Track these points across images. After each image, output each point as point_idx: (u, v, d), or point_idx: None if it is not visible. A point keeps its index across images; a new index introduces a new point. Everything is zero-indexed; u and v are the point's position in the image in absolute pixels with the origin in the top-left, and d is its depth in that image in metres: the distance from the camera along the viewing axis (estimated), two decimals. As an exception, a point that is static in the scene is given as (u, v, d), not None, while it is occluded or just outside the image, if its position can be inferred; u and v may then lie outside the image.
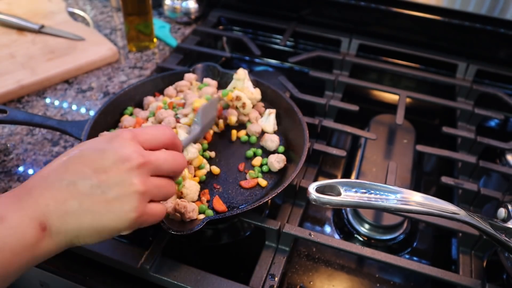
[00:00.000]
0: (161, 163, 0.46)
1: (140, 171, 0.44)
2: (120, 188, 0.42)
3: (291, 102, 0.71)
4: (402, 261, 0.57)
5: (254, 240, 0.64)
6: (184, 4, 1.03)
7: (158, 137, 0.48)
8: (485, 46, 0.93)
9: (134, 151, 0.44)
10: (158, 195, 0.46)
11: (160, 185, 0.46)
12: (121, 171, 0.43)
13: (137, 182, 0.43)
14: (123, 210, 0.42)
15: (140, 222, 0.44)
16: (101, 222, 0.42)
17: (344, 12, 0.98)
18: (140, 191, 0.43)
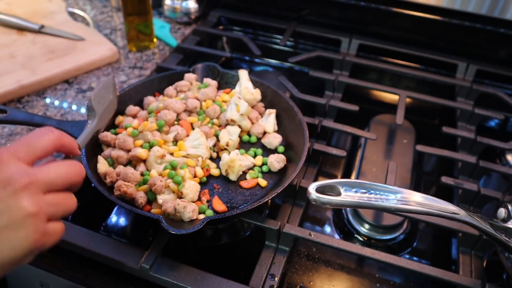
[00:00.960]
0: (52, 178, 0.42)
1: (28, 192, 0.39)
2: (8, 216, 0.38)
3: (291, 102, 0.71)
4: (402, 261, 0.57)
5: (254, 240, 0.64)
6: (184, 4, 1.03)
7: (40, 144, 0.43)
8: (485, 46, 0.93)
9: (15, 171, 0.39)
10: (56, 212, 0.42)
11: (56, 201, 0.42)
12: (5, 197, 0.38)
13: (26, 204, 0.39)
14: (18, 238, 0.38)
15: (40, 246, 0.40)
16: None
17: (344, 12, 0.98)
18: (32, 213, 0.39)
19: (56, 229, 0.42)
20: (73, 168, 0.44)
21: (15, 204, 0.38)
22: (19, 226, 0.38)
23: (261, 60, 1.01)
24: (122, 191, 0.57)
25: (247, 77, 0.74)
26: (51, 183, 0.42)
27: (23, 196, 0.39)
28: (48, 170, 0.42)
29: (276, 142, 0.68)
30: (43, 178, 0.41)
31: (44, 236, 0.40)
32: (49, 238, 0.41)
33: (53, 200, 0.42)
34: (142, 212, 0.56)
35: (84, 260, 0.57)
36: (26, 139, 0.43)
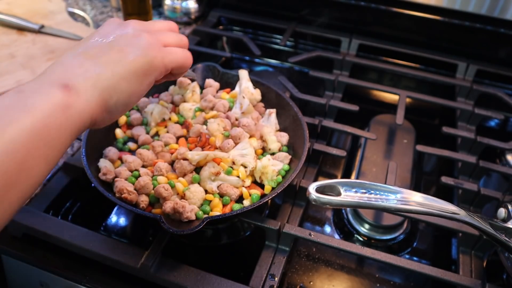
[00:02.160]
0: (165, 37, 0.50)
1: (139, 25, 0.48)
2: (127, 37, 0.46)
3: (291, 102, 0.71)
4: (402, 261, 0.57)
5: (254, 240, 0.64)
6: (184, 4, 1.03)
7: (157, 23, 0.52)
8: (485, 46, 0.93)
9: (141, 29, 0.48)
10: (170, 39, 0.49)
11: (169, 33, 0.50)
12: (122, 29, 0.47)
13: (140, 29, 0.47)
14: (137, 48, 0.45)
15: (161, 58, 0.47)
16: (123, 66, 0.44)
17: (344, 12, 0.98)
18: (145, 34, 0.46)
19: (173, 49, 0.49)
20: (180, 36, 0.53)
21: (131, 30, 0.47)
22: (136, 42, 0.46)
23: (261, 60, 1.01)
24: (123, 197, 0.56)
25: (247, 77, 0.74)
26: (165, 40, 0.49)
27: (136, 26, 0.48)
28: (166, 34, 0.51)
29: (284, 140, 0.68)
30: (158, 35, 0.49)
31: (161, 51, 0.47)
32: (168, 54, 0.48)
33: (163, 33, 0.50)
34: (142, 212, 0.56)
35: (84, 260, 0.57)
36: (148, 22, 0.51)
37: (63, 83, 0.40)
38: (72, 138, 0.40)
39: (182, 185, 0.59)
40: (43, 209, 0.61)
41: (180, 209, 0.55)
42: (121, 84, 0.43)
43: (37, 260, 0.58)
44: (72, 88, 0.40)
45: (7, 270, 0.62)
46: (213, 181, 0.60)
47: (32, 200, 0.63)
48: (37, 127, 0.36)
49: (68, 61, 0.43)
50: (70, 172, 0.66)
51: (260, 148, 0.67)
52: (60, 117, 0.38)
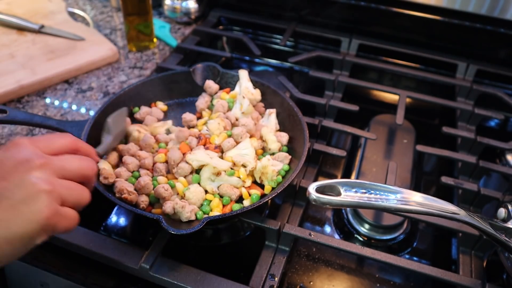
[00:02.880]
0: (64, 164, 0.44)
1: (43, 171, 0.41)
2: (23, 190, 0.40)
3: (291, 102, 0.71)
4: (402, 261, 0.57)
5: (254, 240, 0.64)
6: (184, 4, 1.03)
7: (59, 142, 0.46)
8: (485, 46, 0.93)
9: (33, 153, 0.42)
10: (70, 197, 0.43)
11: (70, 186, 0.43)
12: (22, 173, 0.40)
13: (40, 181, 0.40)
14: (31, 211, 0.39)
15: (53, 224, 0.41)
16: (9, 229, 0.39)
17: (344, 12, 0.98)
18: (46, 189, 0.40)
19: (69, 213, 0.43)
20: (86, 162, 0.46)
21: (31, 179, 0.40)
22: (32, 200, 0.40)
23: (261, 60, 1.01)
24: (123, 197, 0.57)
25: (247, 77, 0.74)
26: (65, 169, 0.44)
27: (38, 173, 0.41)
28: (62, 157, 0.44)
29: (284, 140, 0.68)
30: (57, 163, 0.43)
31: (57, 215, 0.41)
32: (62, 219, 0.42)
33: (66, 184, 0.43)
34: (142, 212, 0.56)
35: (84, 260, 0.57)
36: (45, 136, 0.46)
37: None
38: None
39: (182, 185, 0.59)
40: (43, 209, 0.61)
41: (180, 209, 0.55)
42: (4, 248, 0.39)
43: (37, 260, 0.58)
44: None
45: (7, 270, 0.62)
46: (213, 181, 0.60)
47: (32, 200, 0.63)
48: None
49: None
50: (70, 172, 0.66)
51: (260, 148, 0.67)
52: None
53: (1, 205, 0.39)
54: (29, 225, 0.39)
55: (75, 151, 0.47)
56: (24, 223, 0.39)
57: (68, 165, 0.44)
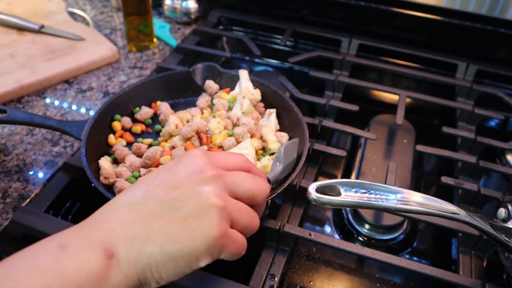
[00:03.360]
0: (238, 180, 0.41)
1: (215, 184, 0.39)
2: (195, 203, 0.37)
3: (291, 102, 0.71)
4: (402, 261, 0.57)
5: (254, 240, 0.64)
6: (184, 4, 1.03)
7: (234, 159, 0.43)
8: (485, 46, 0.93)
9: (206, 164, 0.40)
10: (240, 220, 0.40)
11: (241, 208, 0.40)
12: (194, 184, 0.38)
13: (213, 194, 0.38)
14: (200, 227, 0.37)
15: (221, 246, 0.38)
16: (175, 244, 0.36)
17: (344, 12, 0.98)
18: (218, 205, 0.38)
19: (238, 237, 0.40)
20: (259, 182, 0.43)
21: (204, 192, 0.38)
22: (203, 214, 0.37)
23: (261, 60, 1.01)
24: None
25: (248, 77, 0.74)
26: (237, 186, 0.41)
27: (212, 186, 0.39)
28: (235, 174, 0.42)
29: (284, 140, 0.68)
30: (230, 178, 0.41)
31: (226, 237, 0.38)
32: (231, 242, 0.39)
33: (238, 205, 0.40)
34: (142, 212, 0.56)
35: (84, 260, 0.57)
36: (220, 152, 0.45)
37: (107, 247, 0.36)
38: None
39: None
40: (43, 209, 0.61)
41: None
42: (167, 265, 0.37)
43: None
44: (114, 257, 0.36)
45: (7, 270, 0.62)
46: None
47: (32, 200, 0.63)
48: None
49: (122, 213, 0.38)
50: (70, 172, 0.66)
51: (260, 148, 0.67)
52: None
53: (170, 217, 0.37)
54: (197, 242, 0.37)
55: (247, 170, 0.44)
56: (192, 239, 0.37)
57: (241, 181, 0.41)
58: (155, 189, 0.38)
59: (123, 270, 0.36)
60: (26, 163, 0.70)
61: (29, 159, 0.70)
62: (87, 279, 0.34)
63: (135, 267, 0.36)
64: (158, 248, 0.36)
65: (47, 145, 0.73)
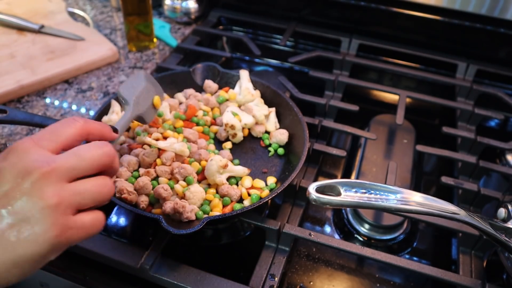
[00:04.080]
0: (74, 163, 0.38)
1: (47, 182, 0.36)
2: (26, 209, 0.35)
3: (291, 102, 0.71)
4: (402, 261, 0.57)
5: (254, 240, 0.64)
6: (184, 4, 1.03)
7: (66, 132, 0.40)
8: (485, 46, 0.93)
9: (34, 159, 0.37)
10: (83, 201, 0.39)
11: (83, 189, 0.39)
12: (23, 188, 0.36)
13: (44, 196, 0.36)
14: (35, 232, 0.35)
15: (66, 241, 0.37)
16: (15, 253, 0.35)
17: (344, 12, 0.98)
18: (50, 205, 0.36)
19: (84, 221, 0.39)
20: (100, 149, 0.40)
21: (33, 197, 0.36)
22: (37, 217, 0.36)
23: (261, 60, 1.01)
24: (123, 197, 0.56)
25: (248, 77, 0.74)
26: (75, 168, 0.38)
27: (42, 186, 0.36)
28: (71, 155, 0.39)
29: (284, 137, 0.69)
30: (64, 165, 0.38)
31: (67, 230, 0.37)
32: (75, 232, 0.38)
33: (78, 188, 0.38)
34: (142, 212, 0.56)
35: (84, 260, 0.57)
36: (50, 127, 0.41)
37: None
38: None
39: (181, 186, 0.59)
40: (43, 209, 0.61)
41: (180, 209, 0.55)
42: (12, 271, 0.35)
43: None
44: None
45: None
46: (222, 173, 0.60)
47: (32, 200, 0.63)
48: None
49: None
50: (70, 172, 0.66)
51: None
52: None
53: (3, 227, 0.35)
54: (37, 246, 0.36)
55: (87, 136, 0.42)
56: (31, 245, 0.35)
57: (78, 162, 0.39)
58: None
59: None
60: (26, 163, 0.70)
61: (29, 159, 0.70)
62: None
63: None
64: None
65: (47, 145, 0.73)
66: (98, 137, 0.44)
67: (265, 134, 0.71)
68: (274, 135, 0.69)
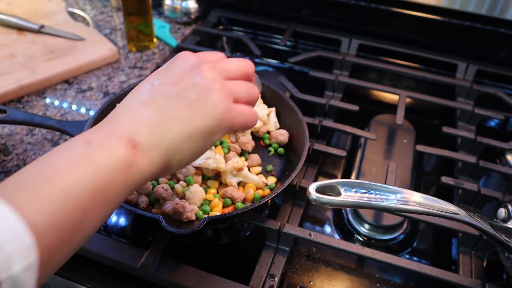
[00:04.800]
0: (229, 65, 0.46)
1: (211, 72, 0.44)
2: (197, 90, 0.43)
3: (291, 102, 0.71)
4: (402, 261, 0.57)
5: (254, 240, 0.64)
6: (184, 4, 1.03)
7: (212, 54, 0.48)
8: (485, 46, 0.93)
9: (198, 61, 0.45)
10: (241, 94, 0.46)
11: (238, 84, 0.46)
12: (193, 75, 0.44)
13: (211, 81, 0.43)
14: (207, 107, 0.42)
15: (230, 119, 0.44)
16: (190, 125, 0.41)
17: (344, 12, 0.98)
18: (217, 87, 0.43)
19: (243, 109, 0.45)
20: (243, 62, 0.48)
21: (202, 80, 0.43)
22: (207, 97, 0.42)
23: (261, 60, 1.01)
24: None
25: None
26: (230, 70, 0.46)
27: (207, 74, 0.44)
28: (226, 61, 0.47)
29: (284, 138, 0.69)
30: (221, 66, 0.46)
31: (232, 111, 0.44)
32: (238, 115, 0.44)
33: (234, 83, 0.46)
34: (142, 212, 0.56)
35: (84, 260, 0.57)
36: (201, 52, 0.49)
37: (130, 138, 0.39)
38: (129, 194, 0.40)
39: (181, 186, 0.59)
40: (43, 209, 0.61)
41: (180, 209, 0.55)
42: (186, 143, 0.42)
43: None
44: (138, 145, 0.39)
45: (7, 270, 0.62)
46: (235, 176, 0.60)
47: (32, 200, 0.63)
48: (99, 186, 0.36)
49: (135, 110, 0.42)
50: (70, 172, 0.66)
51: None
52: (123, 175, 0.38)
53: (179, 105, 0.42)
54: (207, 119, 0.42)
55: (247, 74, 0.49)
56: (203, 118, 0.42)
57: (231, 65, 0.47)
58: (158, 87, 0.43)
59: (147, 157, 0.40)
60: (26, 163, 0.70)
61: (29, 159, 0.70)
62: (117, 166, 0.37)
63: (158, 152, 0.40)
64: (176, 131, 0.41)
65: (47, 145, 0.73)
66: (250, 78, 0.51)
67: (265, 134, 0.71)
68: (274, 136, 0.69)
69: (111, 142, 0.38)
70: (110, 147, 0.38)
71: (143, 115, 0.41)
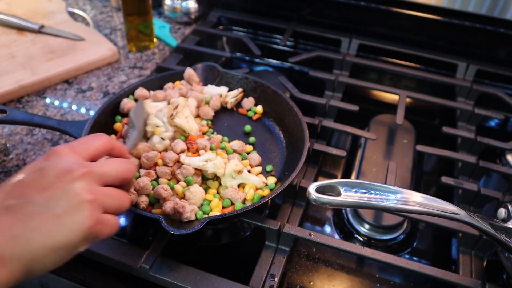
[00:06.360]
0: (106, 171, 0.45)
1: (84, 181, 0.42)
2: (66, 201, 0.41)
3: (291, 102, 0.71)
4: (402, 261, 0.57)
5: (254, 240, 0.64)
6: (184, 4, 1.03)
7: (96, 144, 0.47)
8: (485, 46, 0.93)
9: (74, 162, 0.43)
10: (111, 205, 0.44)
11: (111, 194, 0.45)
12: (64, 183, 0.42)
13: (83, 191, 0.42)
14: (74, 221, 0.41)
15: (95, 232, 0.42)
16: (54, 239, 0.40)
17: (344, 12, 0.98)
18: (88, 199, 0.42)
19: (111, 220, 0.44)
20: (124, 165, 0.47)
21: (73, 190, 0.42)
22: (75, 210, 0.41)
23: (261, 60, 1.01)
24: None
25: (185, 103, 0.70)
26: (105, 175, 0.45)
27: (80, 183, 0.42)
28: (102, 164, 0.46)
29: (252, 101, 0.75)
30: (98, 170, 0.44)
31: (99, 224, 0.42)
32: (104, 227, 0.43)
33: (107, 192, 0.44)
34: (142, 212, 0.56)
35: (84, 260, 0.57)
36: (82, 139, 0.48)
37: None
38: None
39: (181, 186, 0.59)
40: (43, 209, 0.61)
41: (180, 209, 0.55)
42: (49, 256, 0.40)
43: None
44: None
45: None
46: (234, 178, 0.60)
47: (32, 200, 0.63)
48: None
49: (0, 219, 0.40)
50: (70, 172, 0.66)
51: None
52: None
53: (46, 216, 0.40)
54: (73, 234, 0.41)
55: (110, 151, 0.49)
56: (68, 232, 0.41)
57: (108, 171, 0.45)
58: (27, 190, 0.41)
59: (8, 268, 0.38)
60: (26, 163, 0.70)
61: (29, 159, 0.70)
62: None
63: (19, 263, 0.39)
64: (38, 244, 0.39)
65: (47, 145, 0.73)
66: (118, 153, 0.50)
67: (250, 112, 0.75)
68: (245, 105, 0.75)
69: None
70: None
71: (6, 224, 0.39)
